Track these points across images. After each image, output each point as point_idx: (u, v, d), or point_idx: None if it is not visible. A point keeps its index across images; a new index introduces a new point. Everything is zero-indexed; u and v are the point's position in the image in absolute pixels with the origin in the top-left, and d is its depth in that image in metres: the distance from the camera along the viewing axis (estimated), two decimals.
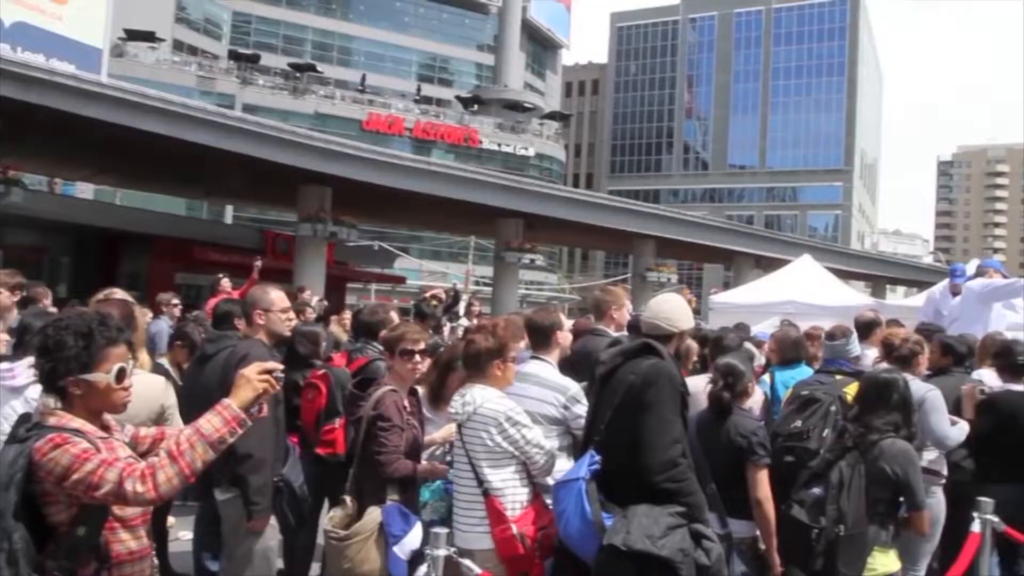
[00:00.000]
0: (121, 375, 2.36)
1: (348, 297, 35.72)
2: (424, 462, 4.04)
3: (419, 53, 66.87)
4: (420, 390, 4.44)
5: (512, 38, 70.57)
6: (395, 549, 3.60)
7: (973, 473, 4.91)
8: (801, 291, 12.53)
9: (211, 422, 2.26)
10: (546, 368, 4.19)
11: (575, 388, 4.14)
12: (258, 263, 10.66)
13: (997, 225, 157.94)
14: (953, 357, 5.50)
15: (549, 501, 3.69)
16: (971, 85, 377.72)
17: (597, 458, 3.34)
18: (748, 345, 7.88)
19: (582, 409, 4.08)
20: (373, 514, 3.71)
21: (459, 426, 3.62)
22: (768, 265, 31.81)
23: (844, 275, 33.87)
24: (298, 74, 55.03)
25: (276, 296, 4.22)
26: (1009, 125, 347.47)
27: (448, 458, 4.20)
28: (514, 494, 3.52)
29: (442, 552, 3.10)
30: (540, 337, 4.32)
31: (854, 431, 3.83)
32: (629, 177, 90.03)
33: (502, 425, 3.48)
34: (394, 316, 5.84)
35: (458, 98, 65.04)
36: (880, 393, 3.91)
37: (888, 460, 3.72)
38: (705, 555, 3.13)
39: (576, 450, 4.24)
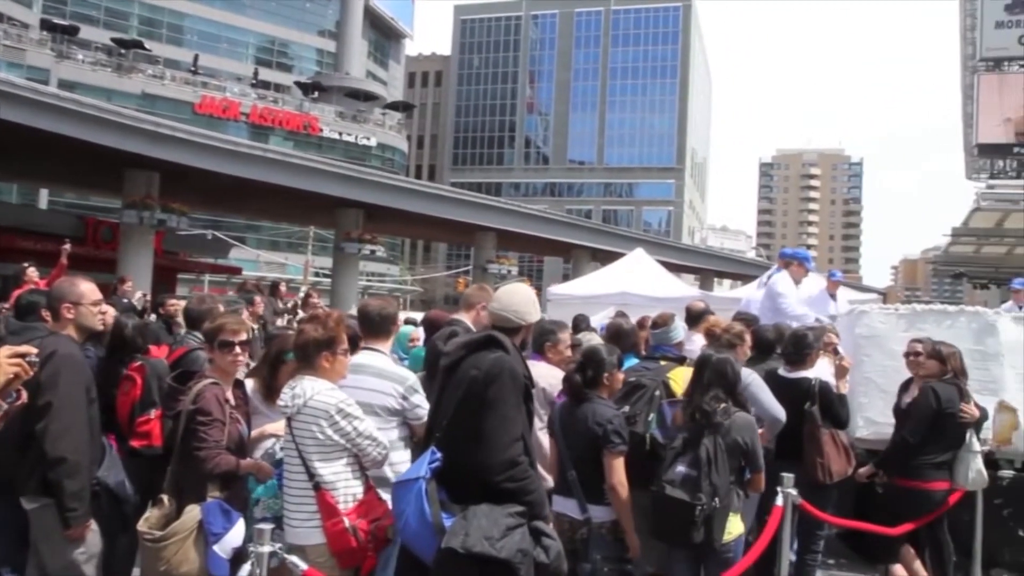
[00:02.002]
0: None
1: (179, 288, 34.00)
2: (250, 458, 3.88)
3: (256, 35, 64.21)
4: (250, 383, 4.27)
5: (354, 25, 69.23)
6: (215, 548, 3.44)
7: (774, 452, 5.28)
8: (634, 283, 13.03)
9: None
10: (382, 359, 4.13)
11: (413, 378, 4.11)
12: (66, 247, 9.79)
13: (810, 223, 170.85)
14: (762, 345, 5.86)
15: (386, 495, 3.65)
16: (790, 91, 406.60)
17: (438, 455, 3.27)
18: (592, 334, 8.09)
19: (420, 399, 4.06)
20: (192, 512, 3.53)
21: (288, 419, 3.50)
22: (605, 258, 32.92)
23: (675, 268, 35.58)
24: (123, 51, 51.49)
25: (86, 288, 3.91)
26: (821, 130, 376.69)
27: (281, 454, 4.07)
28: (346, 487, 3.45)
29: (266, 549, 2.99)
30: (377, 327, 4.25)
31: (709, 409, 4.07)
32: (471, 170, 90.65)
33: (333, 418, 3.40)
34: (222, 308, 5.59)
35: (298, 84, 63.13)
36: (719, 372, 4.19)
37: (738, 432, 4.05)
38: (544, 553, 3.16)
39: (414, 442, 4.21)
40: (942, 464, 5.28)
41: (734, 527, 4.05)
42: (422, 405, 4.05)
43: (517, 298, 3.65)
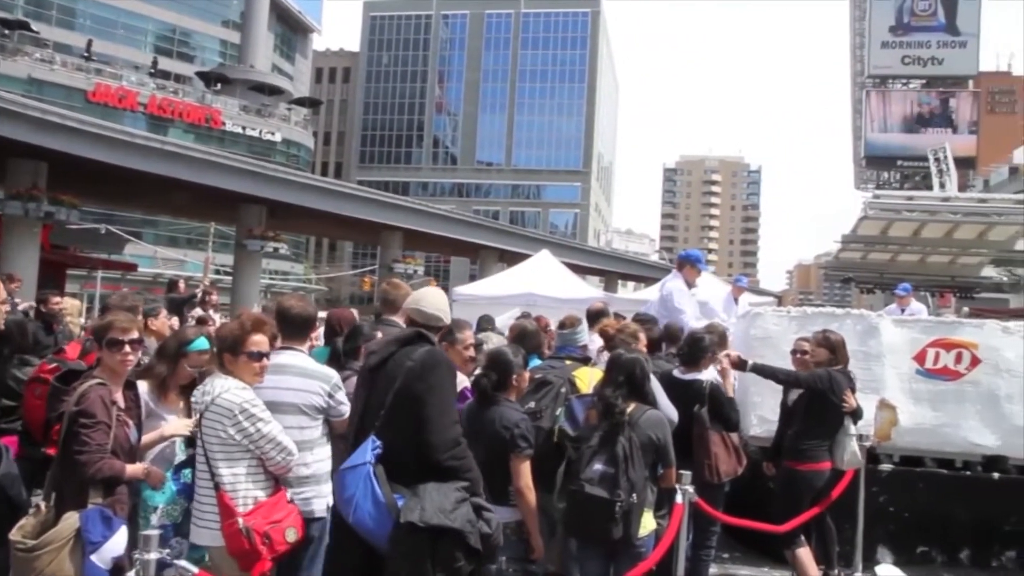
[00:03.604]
0: None
1: (69, 285, 32.47)
2: (138, 464, 3.73)
3: (156, 23, 61.70)
4: (143, 384, 4.11)
5: (260, 16, 67.42)
6: (93, 558, 3.28)
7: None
8: (540, 284, 13.17)
9: None
10: (303, 358, 4.11)
11: (336, 377, 4.12)
12: None
13: (711, 228, 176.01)
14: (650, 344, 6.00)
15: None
16: (693, 100, 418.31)
17: (378, 443, 3.37)
18: (495, 335, 8.11)
19: (343, 396, 4.07)
20: (70, 520, 3.36)
21: (200, 416, 3.50)
22: (512, 259, 33.12)
23: (581, 270, 36.11)
24: (6, 31, 48.65)
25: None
26: (722, 139, 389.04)
27: (178, 457, 3.97)
28: (247, 491, 3.42)
29: (153, 556, 2.87)
30: (300, 328, 4.20)
31: (621, 407, 4.14)
32: (379, 168, 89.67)
33: (236, 417, 3.40)
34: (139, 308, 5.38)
35: (199, 75, 61.11)
36: (630, 371, 4.28)
37: (651, 428, 4.14)
38: (486, 524, 3.33)
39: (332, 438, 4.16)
40: (825, 447, 5.60)
41: (647, 522, 4.14)
42: (345, 402, 4.08)
43: (442, 299, 3.90)
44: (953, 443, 6.55)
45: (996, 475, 6.53)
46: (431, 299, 3.88)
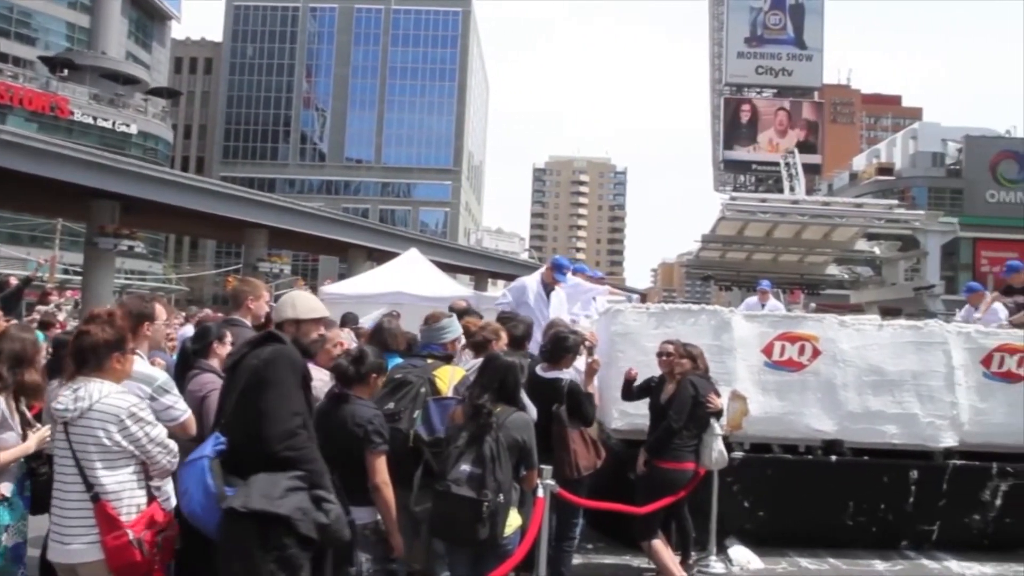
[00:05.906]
0: None
1: None
2: None
3: None
4: None
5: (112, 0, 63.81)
6: None
7: None
8: (409, 283, 13.11)
9: None
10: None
11: (163, 378, 3.99)
12: None
13: (580, 227, 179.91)
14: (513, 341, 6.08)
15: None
16: (562, 102, 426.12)
17: (222, 439, 3.31)
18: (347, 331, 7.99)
19: (172, 399, 3.95)
20: None
21: (65, 424, 3.29)
22: (381, 258, 32.84)
23: (451, 269, 36.19)
24: None
25: None
26: (590, 141, 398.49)
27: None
28: (131, 497, 3.31)
29: None
30: (131, 327, 4.01)
31: (491, 408, 4.17)
32: (243, 164, 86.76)
33: (124, 423, 3.26)
34: None
35: (43, 59, 57.15)
36: (503, 376, 4.32)
37: (517, 430, 4.19)
38: (324, 515, 3.27)
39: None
40: (691, 447, 5.86)
41: (513, 520, 4.21)
42: (175, 406, 3.97)
43: (292, 296, 3.92)
44: (797, 430, 6.97)
45: (833, 458, 7.00)
46: (294, 302, 3.89)
